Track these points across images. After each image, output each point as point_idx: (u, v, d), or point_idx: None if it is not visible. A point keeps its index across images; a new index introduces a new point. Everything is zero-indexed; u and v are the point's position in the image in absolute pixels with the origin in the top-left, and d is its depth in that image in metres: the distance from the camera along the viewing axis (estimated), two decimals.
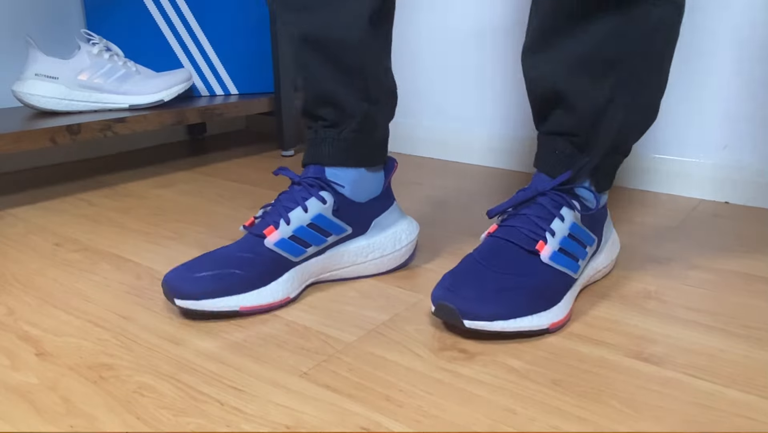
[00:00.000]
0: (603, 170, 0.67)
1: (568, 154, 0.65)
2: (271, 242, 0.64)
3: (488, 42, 1.21)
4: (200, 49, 1.30)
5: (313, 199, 0.66)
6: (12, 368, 0.53)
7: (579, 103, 0.63)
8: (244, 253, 0.63)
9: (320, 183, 0.67)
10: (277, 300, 0.63)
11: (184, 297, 0.59)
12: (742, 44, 0.95)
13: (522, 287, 0.58)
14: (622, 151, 0.67)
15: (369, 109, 0.68)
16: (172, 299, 0.60)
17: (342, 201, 0.68)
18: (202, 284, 0.60)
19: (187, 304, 0.60)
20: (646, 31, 0.61)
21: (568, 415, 0.47)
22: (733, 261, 0.76)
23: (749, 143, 0.98)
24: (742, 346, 0.56)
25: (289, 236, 0.65)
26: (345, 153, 0.69)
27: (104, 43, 1.13)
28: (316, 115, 0.69)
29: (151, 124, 1.09)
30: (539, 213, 0.64)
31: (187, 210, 0.96)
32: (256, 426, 0.46)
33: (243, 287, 0.61)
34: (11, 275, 0.72)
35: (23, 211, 0.96)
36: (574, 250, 0.63)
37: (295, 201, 0.66)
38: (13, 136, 0.91)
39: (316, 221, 0.66)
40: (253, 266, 0.62)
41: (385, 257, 0.72)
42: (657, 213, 0.95)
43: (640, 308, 0.64)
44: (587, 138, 0.64)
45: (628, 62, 0.62)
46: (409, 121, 1.36)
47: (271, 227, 0.64)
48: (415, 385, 0.51)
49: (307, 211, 0.66)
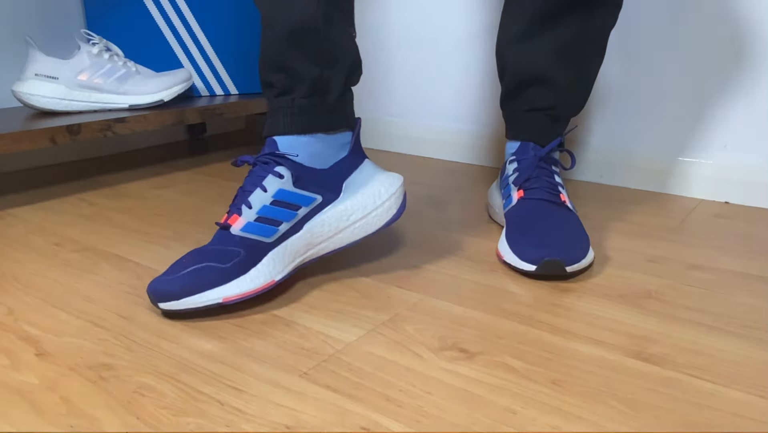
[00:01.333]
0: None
1: (547, 125, 0.83)
2: (237, 229, 0.64)
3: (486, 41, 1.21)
4: (200, 49, 1.30)
5: (269, 177, 0.65)
6: (12, 368, 0.53)
7: (559, 82, 0.81)
8: (215, 246, 0.63)
9: (274, 159, 0.66)
10: (259, 286, 0.62)
11: (165, 299, 0.60)
12: (741, 43, 0.95)
13: (578, 228, 0.75)
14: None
15: (321, 73, 0.67)
16: (156, 304, 0.60)
17: (301, 170, 0.67)
18: (179, 283, 0.60)
19: (169, 305, 0.60)
20: (600, 25, 0.80)
21: (568, 415, 0.47)
22: (733, 261, 0.76)
23: (749, 143, 0.98)
24: (742, 346, 0.56)
25: (254, 219, 0.64)
26: (298, 121, 0.67)
27: (104, 43, 1.13)
28: (270, 82, 0.68)
29: (151, 124, 1.09)
30: (547, 175, 0.81)
31: (187, 210, 0.96)
32: (256, 426, 0.46)
33: (222, 278, 0.61)
34: (11, 275, 0.72)
35: (23, 211, 0.96)
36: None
37: (254, 183, 0.66)
38: (13, 136, 0.91)
39: (279, 197, 0.65)
40: (228, 257, 0.62)
41: (369, 216, 0.69)
42: (657, 213, 0.95)
43: (640, 308, 0.64)
44: (561, 111, 0.83)
45: (588, 49, 0.81)
46: (407, 121, 1.36)
47: (234, 216, 0.65)
48: (415, 385, 0.51)
49: (266, 191, 0.65)
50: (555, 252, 0.69)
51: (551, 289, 0.68)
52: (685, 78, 1.01)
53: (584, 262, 0.71)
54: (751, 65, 0.95)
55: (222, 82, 1.33)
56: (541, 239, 0.71)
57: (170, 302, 0.60)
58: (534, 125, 0.84)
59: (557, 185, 0.80)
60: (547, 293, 0.67)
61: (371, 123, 1.42)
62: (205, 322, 0.61)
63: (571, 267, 0.69)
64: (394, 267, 0.74)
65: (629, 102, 1.08)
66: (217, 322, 0.61)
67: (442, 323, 0.60)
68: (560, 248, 0.70)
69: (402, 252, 0.79)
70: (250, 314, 0.63)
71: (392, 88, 1.37)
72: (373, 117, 1.42)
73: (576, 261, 0.69)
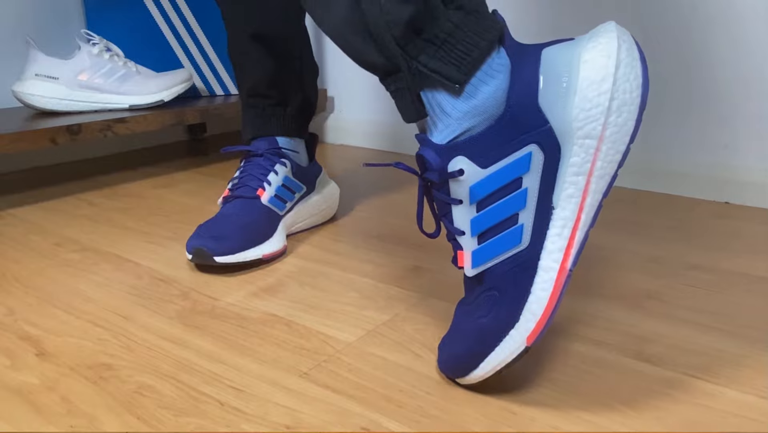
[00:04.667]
0: None
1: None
2: (265, 200, 0.78)
3: None
4: (200, 49, 1.30)
5: (278, 165, 0.81)
6: (12, 368, 0.53)
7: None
8: (249, 212, 0.76)
9: (278, 152, 0.82)
10: (280, 248, 0.77)
11: (223, 254, 0.71)
12: (740, 43, 0.95)
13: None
14: None
15: (306, 94, 0.86)
16: (211, 259, 0.70)
17: (294, 165, 0.83)
18: (234, 241, 0.72)
19: (227, 259, 0.71)
20: None
21: (568, 415, 0.47)
22: (733, 261, 0.76)
23: (749, 143, 0.98)
24: (742, 346, 0.56)
25: (274, 195, 0.79)
26: (291, 126, 0.84)
27: (104, 43, 1.13)
28: (264, 95, 0.83)
29: (151, 124, 1.09)
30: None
31: (187, 210, 0.96)
32: (256, 426, 0.46)
33: (260, 238, 0.74)
34: (11, 275, 0.72)
35: (23, 211, 0.96)
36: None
37: (266, 168, 0.80)
38: (13, 136, 0.91)
39: (285, 182, 0.81)
40: (261, 221, 0.76)
41: (326, 209, 0.89)
42: (657, 213, 0.95)
43: (640, 308, 0.64)
44: None
45: None
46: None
47: (260, 189, 0.78)
48: (415, 385, 0.51)
49: (277, 174, 0.80)
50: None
51: None
52: (685, 78, 1.01)
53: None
54: (752, 65, 0.95)
55: (222, 82, 1.33)
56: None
57: (227, 256, 0.71)
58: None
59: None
60: None
61: (372, 124, 1.42)
62: (205, 322, 0.61)
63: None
64: (394, 267, 0.74)
65: None
66: (217, 322, 0.61)
67: (442, 323, 0.60)
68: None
69: (402, 252, 0.79)
70: (250, 314, 0.63)
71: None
72: (374, 119, 1.42)
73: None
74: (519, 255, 0.45)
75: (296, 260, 0.77)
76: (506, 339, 0.45)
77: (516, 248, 0.45)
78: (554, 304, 0.45)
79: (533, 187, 0.45)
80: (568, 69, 0.44)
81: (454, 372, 0.49)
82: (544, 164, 0.45)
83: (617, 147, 0.44)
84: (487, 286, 0.47)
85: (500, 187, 0.45)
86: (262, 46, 0.81)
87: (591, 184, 0.45)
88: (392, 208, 0.97)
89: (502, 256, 0.46)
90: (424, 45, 0.45)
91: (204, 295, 0.67)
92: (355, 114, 1.46)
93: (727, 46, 0.96)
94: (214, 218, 0.76)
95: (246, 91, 0.84)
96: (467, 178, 0.45)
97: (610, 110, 0.43)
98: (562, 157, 0.44)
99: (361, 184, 1.11)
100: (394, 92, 0.48)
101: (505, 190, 0.45)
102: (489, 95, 0.45)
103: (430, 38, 0.45)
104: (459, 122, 0.45)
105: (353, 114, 1.46)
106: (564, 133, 0.44)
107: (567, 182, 0.44)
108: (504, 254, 0.46)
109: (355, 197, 1.02)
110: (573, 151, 0.44)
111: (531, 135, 0.44)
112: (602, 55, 0.43)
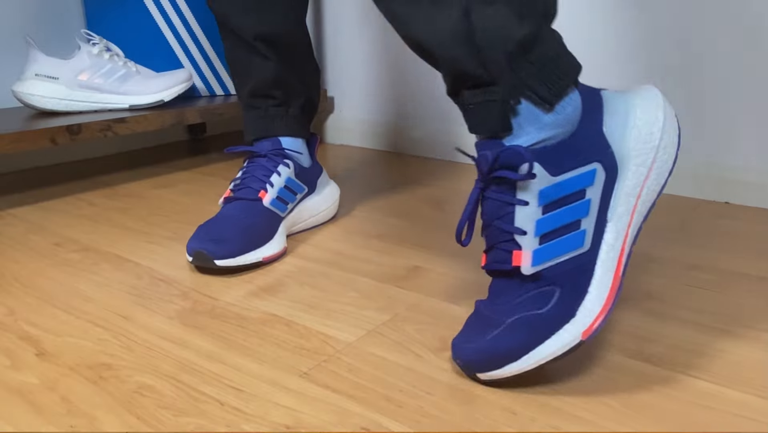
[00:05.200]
0: None
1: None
2: (267, 202, 0.78)
3: None
4: (200, 49, 1.30)
5: (281, 166, 0.81)
6: (12, 368, 0.53)
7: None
8: (250, 215, 0.76)
9: (281, 153, 0.82)
10: (279, 250, 0.77)
11: (223, 257, 0.71)
12: (740, 43, 0.95)
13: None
14: None
15: (306, 89, 0.86)
16: (212, 262, 0.70)
17: (297, 165, 0.83)
18: (234, 245, 0.72)
19: (227, 262, 0.71)
20: None
21: (568, 415, 0.47)
22: (733, 261, 0.76)
23: (749, 143, 0.98)
24: (742, 346, 0.56)
25: (275, 197, 0.79)
26: (294, 126, 0.85)
27: (104, 43, 1.13)
28: (269, 95, 0.84)
29: (151, 124, 1.09)
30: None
31: (187, 210, 0.96)
32: (256, 426, 0.46)
33: (261, 241, 0.74)
34: (11, 275, 0.72)
35: (23, 211, 0.96)
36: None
37: (269, 169, 0.80)
38: (13, 136, 0.91)
39: (288, 183, 0.81)
40: (261, 224, 0.76)
41: (326, 210, 0.89)
42: (657, 213, 0.95)
43: (640, 308, 0.64)
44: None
45: None
46: (410, 123, 1.36)
47: (262, 191, 0.78)
48: (415, 385, 0.51)
49: (280, 176, 0.80)
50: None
51: None
52: (685, 78, 1.01)
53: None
54: (751, 65, 0.95)
55: (222, 82, 1.33)
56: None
57: (227, 260, 0.71)
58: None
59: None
60: None
61: (372, 124, 1.42)
62: (205, 322, 0.61)
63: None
64: (394, 267, 0.74)
65: None
66: (217, 322, 0.61)
67: (442, 323, 0.60)
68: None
69: (402, 252, 0.79)
70: (250, 314, 0.63)
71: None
72: (374, 119, 1.42)
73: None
74: (580, 257, 0.50)
75: (296, 260, 0.77)
76: (560, 332, 0.48)
77: (578, 249, 0.50)
78: (611, 304, 0.50)
79: (595, 199, 0.51)
80: (626, 110, 0.53)
81: (485, 365, 0.49)
82: (605, 182, 0.51)
83: (660, 179, 0.53)
84: (546, 283, 0.50)
85: (567, 194, 0.50)
86: (267, 48, 0.82)
87: (638, 206, 0.52)
88: (392, 208, 0.97)
89: (565, 256, 0.50)
90: (528, 64, 0.49)
91: (204, 295, 0.67)
92: (355, 114, 1.46)
93: (727, 45, 0.96)
94: (214, 218, 0.76)
95: (248, 92, 0.85)
96: (538, 181, 0.49)
97: (659, 147, 0.53)
98: (618, 178, 0.52)
99: (361, 184, 1.11)
100: (480, 103, 0.51)
101: (571, 198, 0.50)
102: (569, 114, 0.51)
103: (537, 59, 0.49)
104: (539, 132, 0.50)
105: (353, 114, 1.46)
106: (622, 158, 0.52)
107: (621, 201, 0.51)
108: (567, 254, 0.50)
109: (355, 197, 1.02)
110: (628, 176, 0.52)
111: (596, 155, 0.51)
112: (654, 105, 0.54)
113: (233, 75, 0.86)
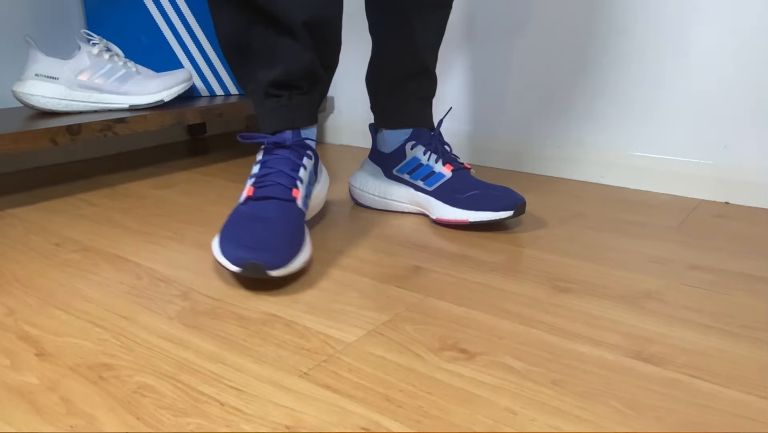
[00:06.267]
0: None
1: (430, 111, 0.94)
2: (300, 202, 0.76)
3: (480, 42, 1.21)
4: (200, 49, 1.30)
5: (305, 158, 0.79)
6: (12, 368, 0.53)
7: (434, 72, 0.93)
8: (291, 218, 0.73)
9: (304, 143, 0.79)
10: (311, 252, 0.75)
11: (276, 267, 0.66)
12: (741, 43, 0.95)
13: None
14: None
15: (328, 76, 0.83)
16: (264, 272, 0.65)
17: (315, 155, 0.83)
18: (284, 253, 0.67)
19: (279, 272, 0.66)
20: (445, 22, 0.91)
21: (568, 415, 0.47)
22: (733, 261, 0.76)
23: (749, 143, 0.98)
24: (742, 346, 0.56)
25: (304, 195, 0.77)
26: (315, 114, 0.83)
27: (104, 43, 1.13)
28: (294, 85, 0.79)
29: (151, 124, 1.09)
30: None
31: (187, 210, 0.96)
32: (256, 426, 0.46)
33: (300, 245, 0.71)
34: (11, 275, 0.72)
35: (23, 211, 0.96)
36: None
37: (295, 162, 0.78)
38: (13, 136, 0.91)
39: (310, 177, 0.80)
40: (300, 226, 0.73)
41: (324, 196, 0.88)
42: (657, 213, 0.95)
43: (640, 308, 0.64)
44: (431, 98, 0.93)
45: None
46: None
47: (294, 189, 0.75)
48: (415, 385, 0.51)
49: (306, 169, 0.79)
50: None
51: (551, 289, 0.68)
52: (685, 78, 1.01)
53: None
54: (751, 65, 0.95)
55: (222, 82, 1.33)
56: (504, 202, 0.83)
57: (280, 270, 0.66)
58: (426, 113, 0.93)
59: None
60: (547, 293, 0.67)
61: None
62: (205, 322, 0.61)
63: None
64: (394, 267, 0.74)
65: (629, 103, 1.08)
66: (217, 322, 0.61)
67: (442, 323, 0.60)
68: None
69: (402, 252, 0.79)
70: (250, 314, 0.63)
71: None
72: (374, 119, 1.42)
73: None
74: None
75: None
76: None
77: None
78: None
79: None
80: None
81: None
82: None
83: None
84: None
85: None
86: (310, 35, 0.76)
87: None
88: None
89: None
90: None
91: (204, 295, 0.67)
92: (355, 114, 1.46)
93: (727, 45, 0.96)
94: (249, 220, 0.71)
95: (270, 81, 0.78)
96: None
97: None
98: None
99: None
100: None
101: None
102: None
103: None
104: None
105: (353, 114, 1.46)
106: None
107: None
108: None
109: None
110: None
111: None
112: None
113: (243, 59, 0.78)
